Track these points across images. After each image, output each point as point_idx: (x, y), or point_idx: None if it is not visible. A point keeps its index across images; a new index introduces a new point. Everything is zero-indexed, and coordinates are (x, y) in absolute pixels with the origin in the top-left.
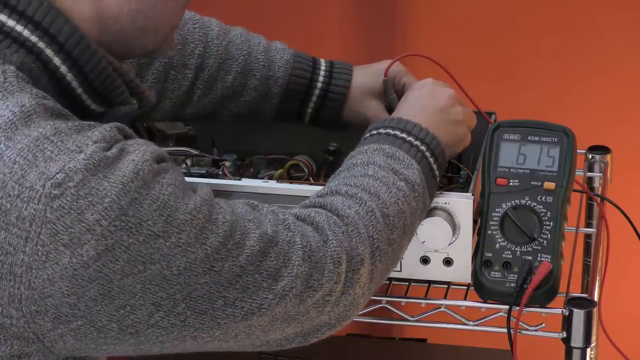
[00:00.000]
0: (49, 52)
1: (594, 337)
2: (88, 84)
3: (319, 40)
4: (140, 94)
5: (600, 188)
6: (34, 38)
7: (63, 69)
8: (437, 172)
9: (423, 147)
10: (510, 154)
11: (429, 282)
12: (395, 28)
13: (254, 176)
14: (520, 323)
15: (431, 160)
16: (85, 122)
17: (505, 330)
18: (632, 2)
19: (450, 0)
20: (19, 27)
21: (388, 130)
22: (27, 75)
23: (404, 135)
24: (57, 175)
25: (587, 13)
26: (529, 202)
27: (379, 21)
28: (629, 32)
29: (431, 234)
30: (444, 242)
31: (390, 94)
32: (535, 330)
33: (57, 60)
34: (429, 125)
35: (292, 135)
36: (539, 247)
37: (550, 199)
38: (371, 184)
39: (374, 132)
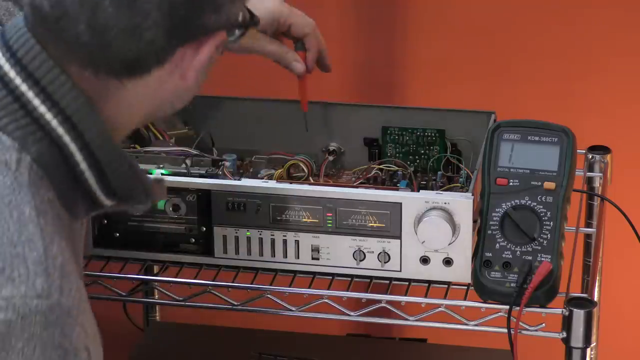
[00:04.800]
0: (72, 147)
1: (594, 337)
2: (106, 183)
3: None
4: (152, 194)
5: (600, 188)
6: (60, 130)
7: (83, 166)
8: None
9: None
10: (510, 154)
11: (429, 282)
12: (395, 28)
13: (254, 176)
14: (520, 323)
15: None
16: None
17: (505, 330)
18: (632, 2)
19: (449, 0)
20: (48, 116)
21: None
22: (43, 169)
23: None
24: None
25: (587, 13)
26: (529, 202)
27: (379, 21)
28: (629, 32)
29: (431, 234)
30: (444, 242)
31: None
32: (535, 330)
33: (78, 157)
34: None
35: (292, 135)
36: (539, 247)
37: (550, 199)
38: None
39: None
